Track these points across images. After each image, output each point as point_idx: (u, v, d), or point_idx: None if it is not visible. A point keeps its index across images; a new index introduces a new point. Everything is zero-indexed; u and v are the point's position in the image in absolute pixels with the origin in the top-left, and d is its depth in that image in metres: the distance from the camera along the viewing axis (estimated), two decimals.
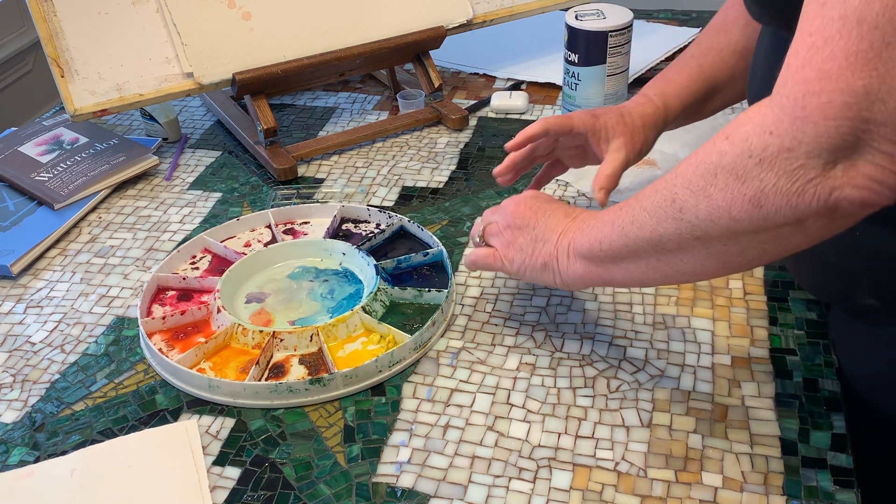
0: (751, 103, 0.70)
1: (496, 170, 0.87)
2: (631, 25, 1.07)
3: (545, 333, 0.79)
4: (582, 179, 1.01)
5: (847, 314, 0.75)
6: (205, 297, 0.85)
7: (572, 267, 0.69)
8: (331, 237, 0.92)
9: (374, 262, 0.85)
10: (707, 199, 0.54)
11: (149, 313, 0.84)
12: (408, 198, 1.01)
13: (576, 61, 1.08)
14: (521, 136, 0.83)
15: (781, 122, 0.49)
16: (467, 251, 0.84)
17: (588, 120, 0.84)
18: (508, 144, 0.84)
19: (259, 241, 0.93)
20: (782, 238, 0.54)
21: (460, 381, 0.74)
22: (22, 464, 0.69)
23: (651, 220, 0.59)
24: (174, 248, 0.94)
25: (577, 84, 1.09)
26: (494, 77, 1.29)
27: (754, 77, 0.76)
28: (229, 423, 0.72)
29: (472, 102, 1.22)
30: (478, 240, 0.78)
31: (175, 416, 0.73)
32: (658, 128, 0.87)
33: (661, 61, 1.27)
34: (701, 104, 0.89)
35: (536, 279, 0.73)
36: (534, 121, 1.16)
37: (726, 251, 0.57)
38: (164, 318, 0.81)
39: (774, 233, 0.53)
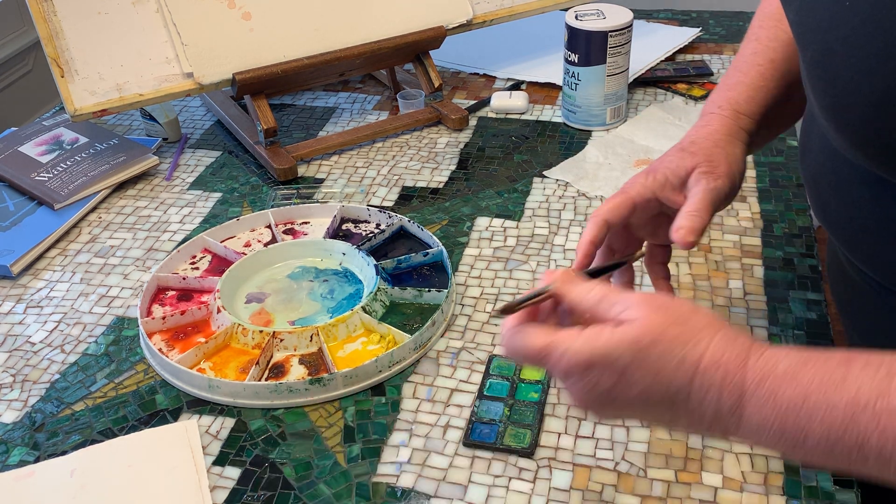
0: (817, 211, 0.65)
1: None
2: (631, 25, 1.07)
3: None
4: (582, 179, 1.01)
5: None
6: (205, 297, 0.85)
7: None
8: (331, 237, 0.92)
9: (374, 262, 0.85)
10: None
11: (149, 313, 0.84)
12: (408, 198, 1.01)
13: (576, 61, 1.08)
14: (581, 249, 0.64)
15: None
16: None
17: (646, 180, 0.66)
18: (575, 267, 0.64)
19: (259, 241, 0.93)
20: None
21: (460, 381, 0.74)
22: (22, 464, 0.69)
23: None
24: (174, 248, 0.94)
25: (577, 84, 1.10)
26: (494, 77, 1.29)
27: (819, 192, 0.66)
28: (229, 423, 0.72)
29: (472, 102, 1.22)
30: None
31: (175, 416, 0.73)
32: (737, 138, 0.70)
33: (662, 61, 1.27)
34: (781, 106, 0.73)
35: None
36: (534, 121, 1.16)
37: None
38: (164, 318, 0.81)
39: None
